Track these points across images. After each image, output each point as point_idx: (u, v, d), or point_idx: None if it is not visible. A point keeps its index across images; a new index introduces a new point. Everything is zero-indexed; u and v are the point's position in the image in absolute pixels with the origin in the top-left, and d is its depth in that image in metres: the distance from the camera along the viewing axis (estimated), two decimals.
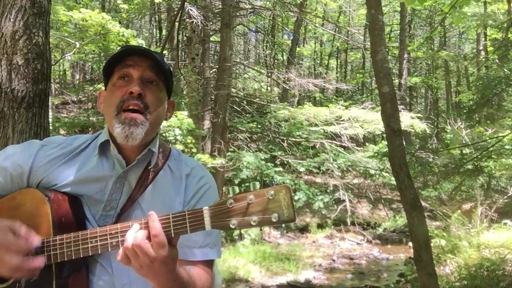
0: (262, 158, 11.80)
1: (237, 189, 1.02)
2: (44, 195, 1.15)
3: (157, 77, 1.22)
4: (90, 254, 1.07)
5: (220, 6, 11.88)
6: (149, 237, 0.99)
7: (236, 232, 1.04)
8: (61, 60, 13.88)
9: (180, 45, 11.29)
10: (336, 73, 24.15)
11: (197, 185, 1.27)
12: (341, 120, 11.92)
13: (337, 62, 24.98)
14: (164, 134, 8.56)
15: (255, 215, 0.99)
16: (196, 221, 1.01)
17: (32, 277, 1.08)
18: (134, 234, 0.99)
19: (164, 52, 12.69)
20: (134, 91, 1.17)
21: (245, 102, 14.08)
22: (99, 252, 1.07)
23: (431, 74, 21.15)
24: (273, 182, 1.02)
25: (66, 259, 1.08)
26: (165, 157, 1.29)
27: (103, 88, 1.31)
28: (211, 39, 13.19)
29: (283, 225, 11.96)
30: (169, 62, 14.05)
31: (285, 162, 12.51)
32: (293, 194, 1.00)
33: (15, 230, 1.04)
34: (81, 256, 1.07)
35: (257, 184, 1.01)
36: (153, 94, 1.21)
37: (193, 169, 1.30)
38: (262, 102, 15.18)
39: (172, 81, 1.31)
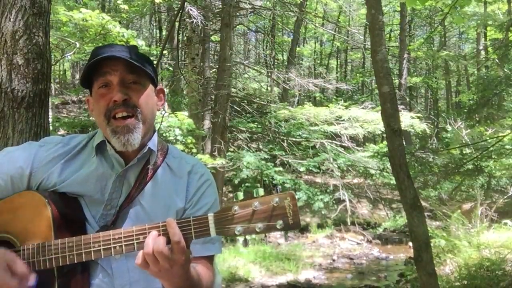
0: (262, 158, 11.80)
1: (241, 195, 1.03)
2: (44, 197, 1.14)
3: (136, 75, 1.20)
4: (93, 259, 1.07)
5: (220, 6, 11.88)
6: (168, 242, 1.00)
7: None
8: (61, 60, 13.89)
9: (180, 45, 11.30)
10: (336, 73, 24.14)
11: (198, 182, 1.28)
12: (341, 120, 11.91)
13: (337, 62, 24.98)
14: (164, 134, 8.56)
15: (260, 222, 1.00)
16: (201, 228, 1.02)
17: (37, 268, 1.08)
18: (155, 240, 1.00)
19: (164, 52, 12.69)
20: (117, 99, 1.16)
21: (245, 102, 14.07)
22: (102, 257, 1.07)
23: (431, 74, 21.15)
24: (278, 189, 1.03)
25: (68, 263, 1.07)
26: (163, 154, 1.29)
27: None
28: (211, 39, 13.18)
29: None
30: (169, 62, 14.08)
31: (285, 162, 12.51)
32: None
33: (13, 268, 1.04)
34: (84, 260, 1.07)
35: (261, 190, 1.02)
36: (137, 94, 1.19)
37: (194, 166, 1.30)
38: (262, 102, 15.17)
39: (154, 68, 1.28)
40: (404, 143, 4.06)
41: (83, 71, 1.20)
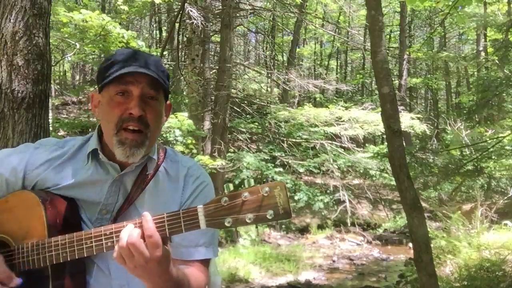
0: (262, 159, 11.80)
1: (231, 186, 1.01)
2: (38, 197, 1.14)
3: (156, 91, 1.19)
4: (85, 256, 1.07)
5: (220, 7, 11.89)
6: (143, 237, 0.98)
7: (233, 230, 1.04)
8: (61, 61, 13.88)
9: (180, 46, 11.29)
10: (336, 73, 24.14)
11: (193, 185, 1.27)
12: (341, 121, 11.91)
13: (337, 62, 24.98)
14: (164, 135, 8.56)
15: (250, 213, 0.97)
16: (190, 220, 1.00)
17: (32, 268, 1.09)
18: (129, 233, 0.98)
19: (165, 53, 12.71)
20: (134, 113, 1.14)
21: (245, 103, 14.08)
22: (94, 253, 1.06)
23: (431, 75, 21.16)
24: (268, 179, 1.01)
25: (61, 261, 1.07)
26: (161, 159, 1.29)
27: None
28: (211, 40, 13.19)
29: (283, 225, 11.97)
30: (169, 63, 14.09)
31: (285, 163, 12.51)
32: (293, 194, 0.99)
33: None
34: (76, 257, 1.07)
35: (252, 181, 1.00)
36: (153, 111, 1.19)
37: (190, 169, 1.30)
38: (262, 103, 15.18)
39: (169, 83, 1.28)
40: (404, 144, 4.06)
41: (112, 78, 1.15)
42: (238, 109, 13.53)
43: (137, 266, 0.98)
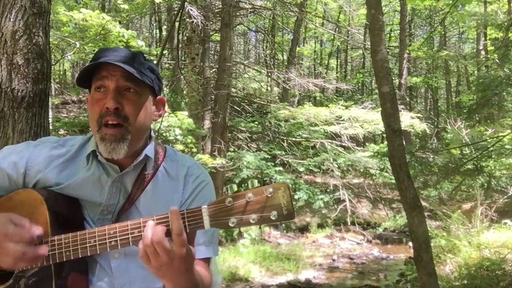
0: (262, 158, 11.80)
1: (235, 187, 1.01)
2: (41, 195, 1.15)
3: (134, 83, 1.17)
4: (88, 255, 1.07)
5: (220, 6, 11.88)
6: (166, 234, 0.99)
7: (237, 230, 1.04)
8: (61, 60, 13.88)
9: (180, 45, 11.28)
10: (336, 73, 24.14)
11: (193, 185, 1.27)
12: (341, 120, 11.92)
13: (337, 61, 24.97)
14: (164, 134, 8.56)
15: (254, 213, 0.98)
16: (195, 220, 1.01)
17: (35, 266, 1.08)
18: (153, 230, 0.98)
19: (164, 52, 12.70)
20: (109, 106, 1.14)
21: (245, 102, 14.08)
22: (98, 253, 1.07)
23: (431, 74, 21.15)
24: (272, 180, 1.02)
25: (65, 260, 1.07)
26: (161, 158, 1.28)
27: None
28: (211, 38, 13.19)
29: (283, 224, 11.97)
30: (169, 62, 14.08)
31: (285, 162, 12.51)
32: (293, 193, 0.99)
33: (16, 221, 1.04)
34: (80, 256, 1.07)
35: (256, 182, 1.01)
36: (131, 104, 1.17)
37: (189, 169, 1.29)
38: (262, 102, 15.18)
39: (158, 77, 1.27)
40: (404, 143, 4.06)
41: (81, 71, 1.18)
42: (238, 108, 13.53)
43: (162, 265, 0.98)
